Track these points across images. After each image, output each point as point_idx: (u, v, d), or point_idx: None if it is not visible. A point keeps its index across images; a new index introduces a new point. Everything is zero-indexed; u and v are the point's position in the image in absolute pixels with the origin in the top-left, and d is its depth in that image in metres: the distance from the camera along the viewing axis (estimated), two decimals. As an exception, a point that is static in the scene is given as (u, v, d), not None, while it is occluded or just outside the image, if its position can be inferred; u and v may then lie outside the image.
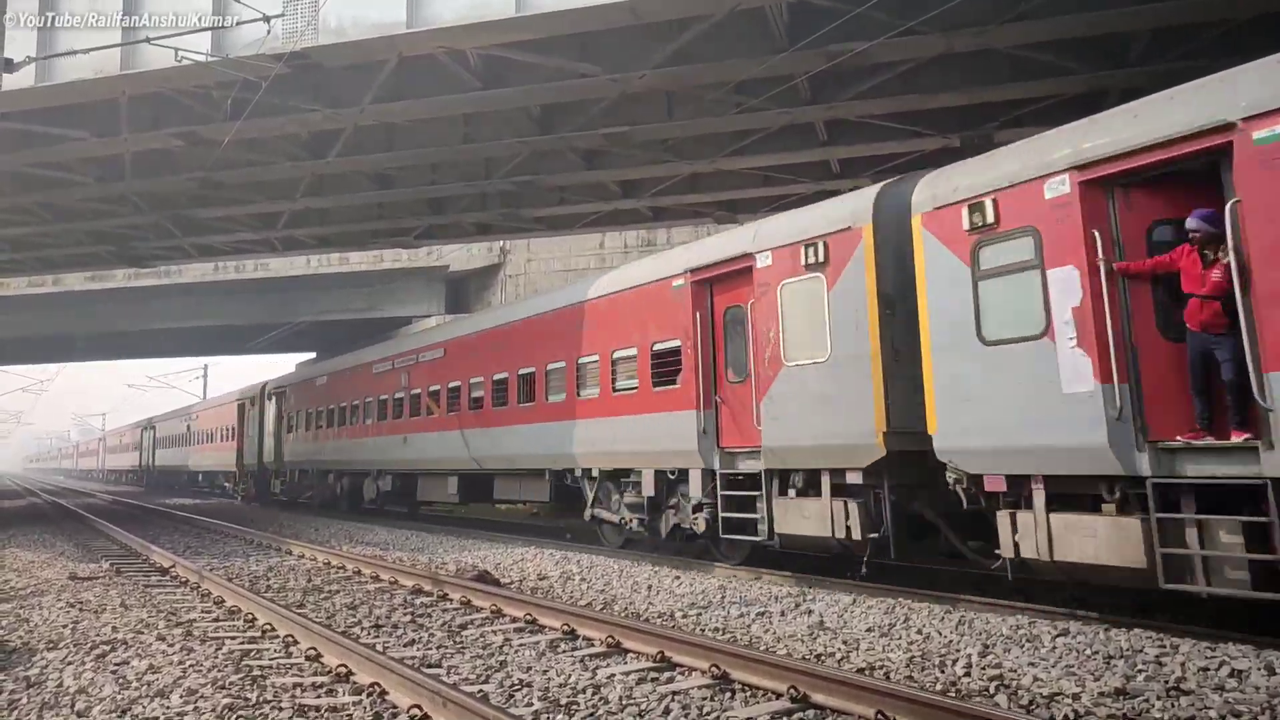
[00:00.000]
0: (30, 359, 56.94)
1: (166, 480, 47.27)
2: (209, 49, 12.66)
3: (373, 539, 16.17)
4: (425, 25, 12.07)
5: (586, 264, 31.14)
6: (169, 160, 17.85)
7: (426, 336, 21.21)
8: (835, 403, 9.30)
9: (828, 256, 9.56)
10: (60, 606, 9.07)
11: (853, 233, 9.33)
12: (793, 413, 9.77)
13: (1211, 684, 5.35)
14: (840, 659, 6.34)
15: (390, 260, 33.83)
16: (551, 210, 21.71)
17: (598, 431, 13.15)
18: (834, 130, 16.64)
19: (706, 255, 11.50)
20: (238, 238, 23.72)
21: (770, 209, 18.40)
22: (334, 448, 23.86)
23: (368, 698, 5.50)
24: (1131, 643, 6.30)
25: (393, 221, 22.53)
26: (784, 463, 9.91)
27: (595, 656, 6.54)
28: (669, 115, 15.45)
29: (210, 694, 5.64)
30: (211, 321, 38.09)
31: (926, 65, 13.60)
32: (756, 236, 10.66)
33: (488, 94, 14.06)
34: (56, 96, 13.99)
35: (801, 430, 9.68)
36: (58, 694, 5.80)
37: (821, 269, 9.62)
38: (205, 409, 39.10)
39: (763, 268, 10.34)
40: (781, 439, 9.88)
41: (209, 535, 17.80)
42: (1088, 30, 12.22)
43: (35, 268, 28.22)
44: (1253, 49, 6.76)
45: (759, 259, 10.41)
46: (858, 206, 9.47)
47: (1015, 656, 6.09)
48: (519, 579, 10.73)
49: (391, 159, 17.72)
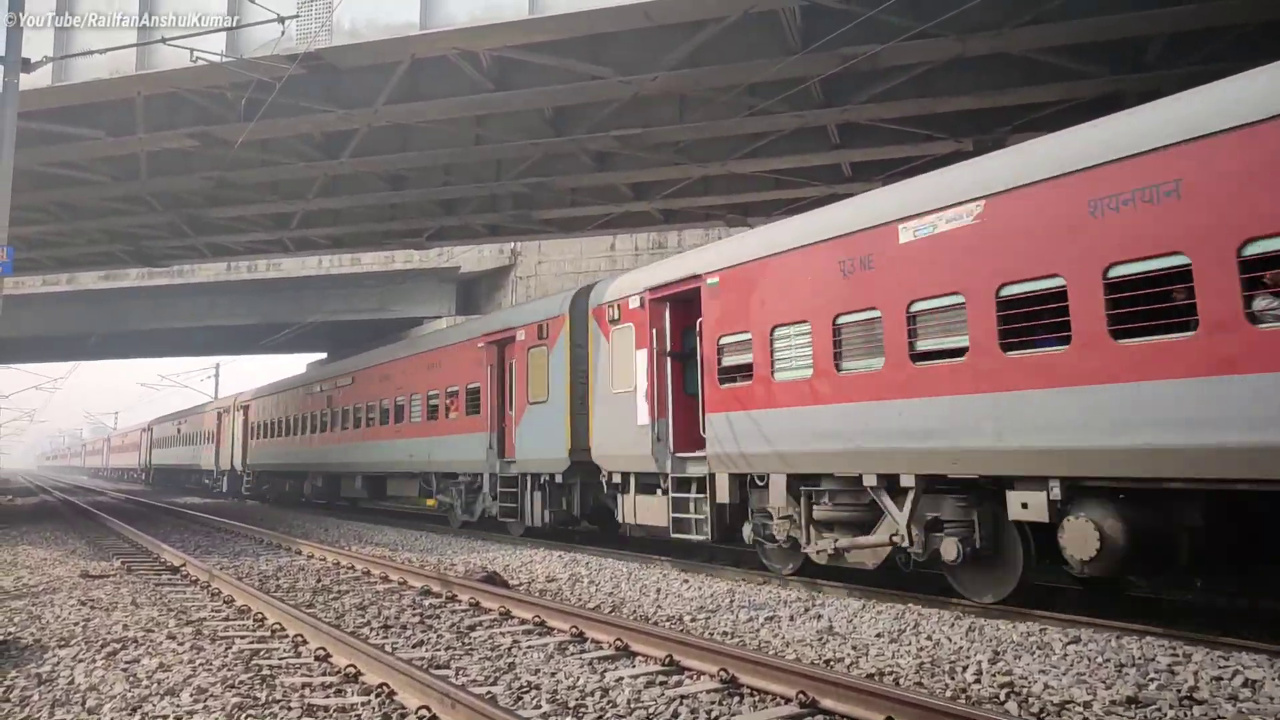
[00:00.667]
0: (44, 357, 57.34)
1: (161, 477, 51.04)
2: (224, 49, 12.75)
3: (382, 539, 16.20)
4: (438, 27, 12.11)
5: (597, 266, 31.16)
6: (183, 160, 17.96)
7: (343, 365, 25.88)
8: (548, 431, 14.35)
9: (547, 333, 14.51)
10: (72, 604, 9.11)
11: (559, 318, 14.29)
12: (529, 436, 15.01)
13: (1225, 693, 5.30)
14: (850, 664, 6.31)
15: (401, 261, 33.94)
16: (563, 212, 21.76)
17: (435, 445, 18.37)
18: (846, 133, 16.61)
19: (492, 325, 16.86)
20: (251, 238, 23.85)
21: (782, 212, 18.38)
22: (283, 454, 28.72)
23: (376, 698, 5.50)
24: (1144, 651, 6.25)
25: (405, 222, 22.63)
26: (525, 469, 15.08)
27: (604, 659, 6.53)
28: (681, 117, 15.46)
29: (220, 693, 5.65)
30: (224, 321, 38.30)
31: (940, 69, 13.56)
32: (517, 316, 16.10)
33: (500, 95, 14.09)
34: (73, 96, 14.11)
35: (532, 448, 14.89)
36: (69, 691, 5.82)
37: (545, 341, 14.56)
38: (193, 415, 42.97)
39: (520, 339, 15.35)
40: (523, 454, 15.12)
41: (219, 534, 17.87)
42: (1103, 34, 12.17)
43: (50, 266, 28.45)
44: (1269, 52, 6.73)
45: (518, 332, 15.43)
46: (563, 301, 14.42)
47: (1026, 664, 6.05)
48: (527, 581, 10.73)
49: (404, 160, 17.79)
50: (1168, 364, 6.55)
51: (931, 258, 8.31)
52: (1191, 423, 6.39)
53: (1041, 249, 7.43)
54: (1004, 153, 8.84)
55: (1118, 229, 6.88)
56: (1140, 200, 6.77)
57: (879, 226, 8.89)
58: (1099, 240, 7.00)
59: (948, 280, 8.16)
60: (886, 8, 11.10)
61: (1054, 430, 7.25)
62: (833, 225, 9.60)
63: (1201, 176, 6.45)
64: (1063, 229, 7.27)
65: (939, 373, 8.21)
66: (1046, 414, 7.31)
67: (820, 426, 9.35)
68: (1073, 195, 7.24)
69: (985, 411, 7.77)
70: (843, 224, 9.45)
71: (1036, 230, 7.49)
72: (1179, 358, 6.48)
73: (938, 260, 8.26)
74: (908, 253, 8.53)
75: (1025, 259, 7.56)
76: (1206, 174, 6.43)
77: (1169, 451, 6.55)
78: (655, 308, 11.90)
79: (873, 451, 8.76)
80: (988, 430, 7.75)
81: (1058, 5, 11.40)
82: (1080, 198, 7.17)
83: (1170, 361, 6.54)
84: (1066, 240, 7.24)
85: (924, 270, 8.36)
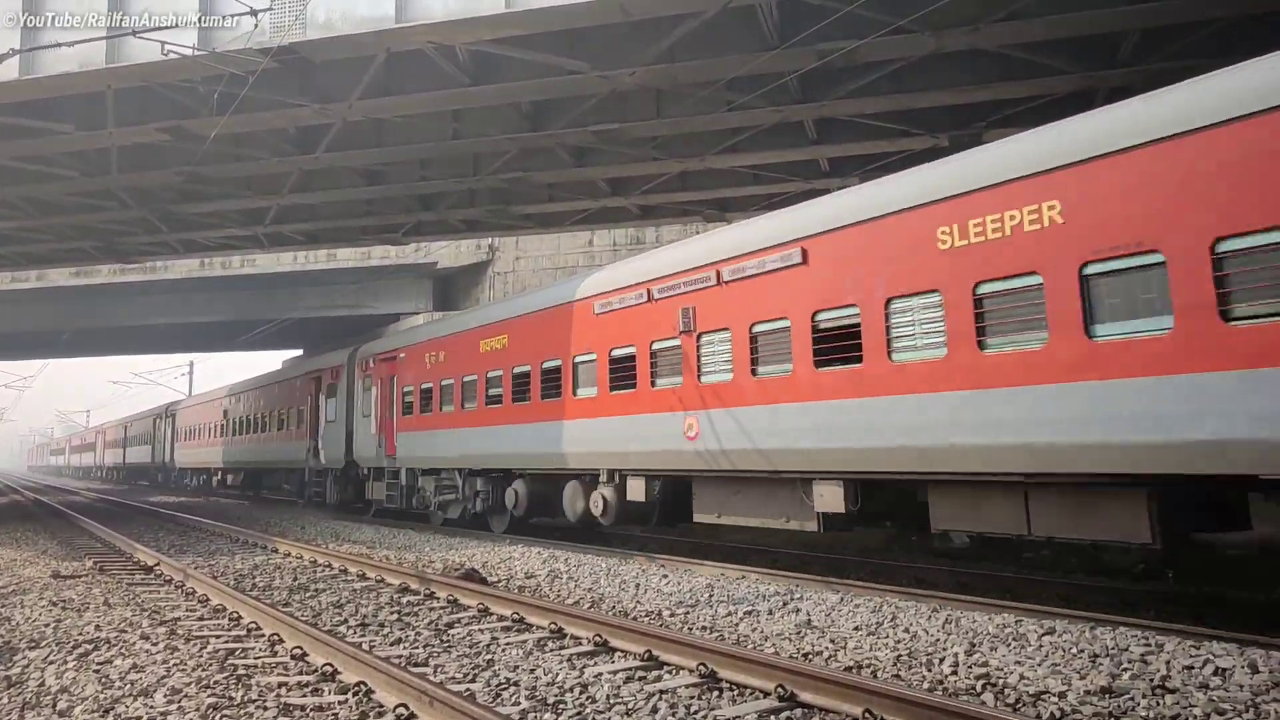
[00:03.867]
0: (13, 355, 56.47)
1: (109, 474, 59.64)
2: (196, 43, 12.56)
3: (359, 537, 16.10)
4: (414, 20, 12.01)
5: (575, 261, 31.09)
6: (155, 155, 17.71)
7: (234, 388, 32.93)
8: (335, 441, 22.08)
9: (338, 376, 22.21)
10: (43, 605, 8.99)
11: (341, 366, 22.13)
12: (328, 443, 22.68)
13: (1196, 682, 5.37)
14: (828, 657, 6.34)
15: (378, 257, 33.70)
16: (540, 207, 21.67)
17: (281, 448, 26.16)
18: (824, 129, 16.66)
19: (312, 367, 24.66)
20: (224, 233, 23.59)
21: (760, 207, 18.41)
22: (201, 455, 36.29)
23: (354, 697, 5.47)
24: (1117, 641, 6.32)
25: (381, 218, 22.46)
26: (327, 465, 22.85)
27: (583, 655, 6.52)
28: (659, 113, 15.43)
29: (194, 693, 5.59)
30: (198, 318, 37.85)
31: (916, 64, 13.63)
32: (325, 362, 23.69)
33: (477, 90, 14.00)
34: (41, 89, 13.84)
35: (328, 452, 22.59)
36: (39, 693, 5.74)
37: (336, 380, 22.18)
38: (136, 420, 50.85)
39: (324, 379, 23.05)
40: (325, 455, 22.90)
41: (194, 533, 17.69)
42: (1077, 30, 12.26)
43: (19, 263, 27.97)
44: (1243, 49, 6.81)
45: (324, 374, 23.13)
46: (347, 355, 22.11)
47: (1002, 655, 6.10)
48: (506, 577, 10.70)
49: (380, 155, 17.65)
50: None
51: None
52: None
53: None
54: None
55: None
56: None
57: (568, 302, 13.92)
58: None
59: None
60: (863, 3, 11.13)
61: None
62: (474, 318, 17.25)
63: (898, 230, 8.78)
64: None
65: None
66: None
67: (441, 445, 17.17)
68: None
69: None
70: (485, 316, 16.80)
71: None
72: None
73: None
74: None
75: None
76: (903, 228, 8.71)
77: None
78: (381, 364, 19.85)
79: (459, 456, 16.69)
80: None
81: (1032, 1, 11.48)
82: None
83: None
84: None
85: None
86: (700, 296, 11.04)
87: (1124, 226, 6.88)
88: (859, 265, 9.06)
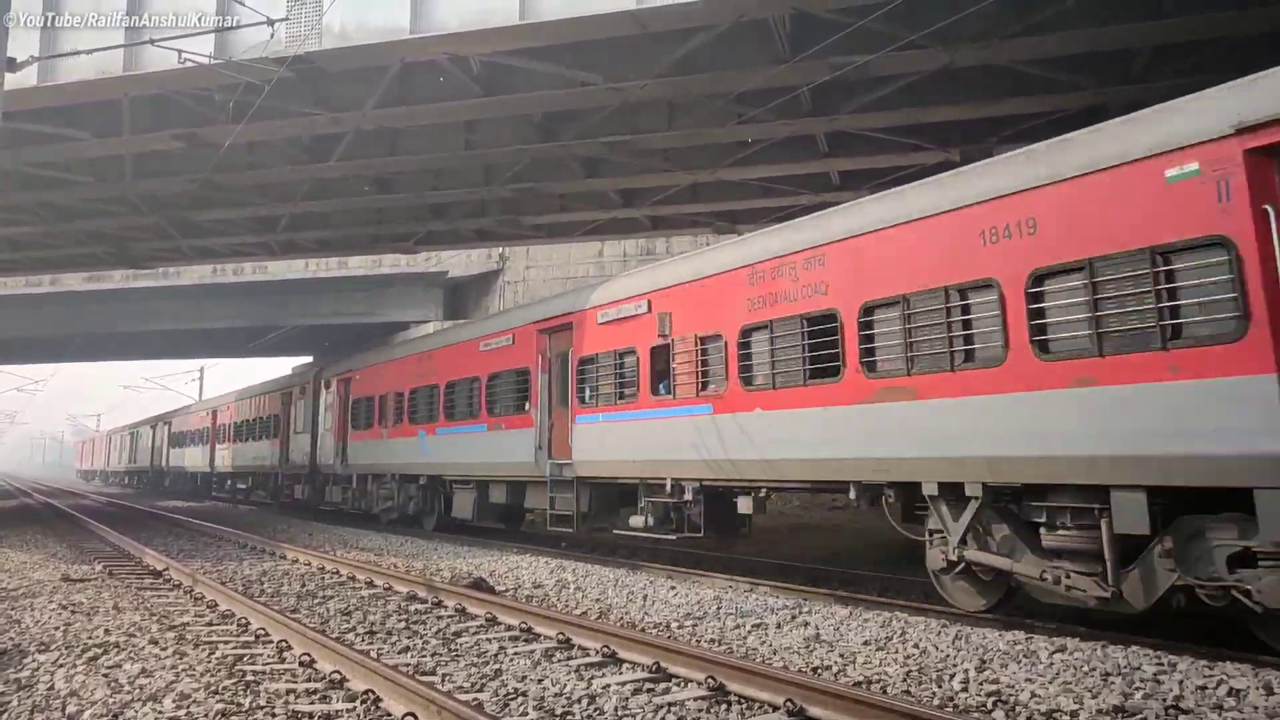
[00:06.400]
0: (26, 359, 56.79)
1: (111, 477, 63.32)
2: (212, 51, 12.65)
3: (368, 544, 16.11)
4: (429, 31, 12.06)
5: (585, 271, 31.13)
6: (169, 162, 17.84)
7: (222, 399, 35.63)
8: (302, 448, 24.83)
9: (305, 390, 24.93)
10: (52, 608, 9.02)
11: (309, 383, 24.81)
12: (296, 450, 25.32)
13: (1210, 703, 5.32)
14: (837, 672, 6.31)
15: (389, 265, 33.80)
16: (551, 217, 21.72)
17: (260, 451, 29.17)
18: (835, 142, 16.67)
19: (288, 383, 27.16)
20: (237, 240, 23.71)
21: (770, 220, 18.42)
22: (190, 459, 39.23)
23: (361, 704, 5.46)
24: (1129, 660, 6.27)
25: (393, 226, 22.54)
26: (294, 469, 25.56)
27: (591, 666, 6.50)
28: (670, 124, 15.47)
29: (203, 699, 5.60)
30: (209, 324, 38.02)
31: (928, 79, 13.62)
32: (295, 380, 26.76)
33: (489, 100, 14.06)
34: (59, 96, 13.96)
35: (296, 458, 25.37)
36: (48, 696, 5.75)
37: (305, 396, 24.90)
38: (137, 427, 54.39)
39: (296, 393, 25.76)
40: (293, 461, 25.55)
41: (203, 538, 17.72)
42: (1091, 45, 12.26)
43: (33, 267, 28.19)
44: (1255, 64, 6.80)
45: (295, 389, 26.02)
46: (314, 373, 24.77)
47: (1012, 672, 6.06)
48: (514, 586, 10.68)
49: (392, 164, 17.73)
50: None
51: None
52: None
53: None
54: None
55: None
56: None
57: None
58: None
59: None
60: (876, 18, 11.15)
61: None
62: (406, 348, 20.41)
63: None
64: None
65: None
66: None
67: (381, 453, 19.87)
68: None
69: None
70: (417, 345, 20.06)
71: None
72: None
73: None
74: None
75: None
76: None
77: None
78: (339, 383, 22.55)
79: (389, 464, 19.68)
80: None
81: (1046, 17, 11.48)
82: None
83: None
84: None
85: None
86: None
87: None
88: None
